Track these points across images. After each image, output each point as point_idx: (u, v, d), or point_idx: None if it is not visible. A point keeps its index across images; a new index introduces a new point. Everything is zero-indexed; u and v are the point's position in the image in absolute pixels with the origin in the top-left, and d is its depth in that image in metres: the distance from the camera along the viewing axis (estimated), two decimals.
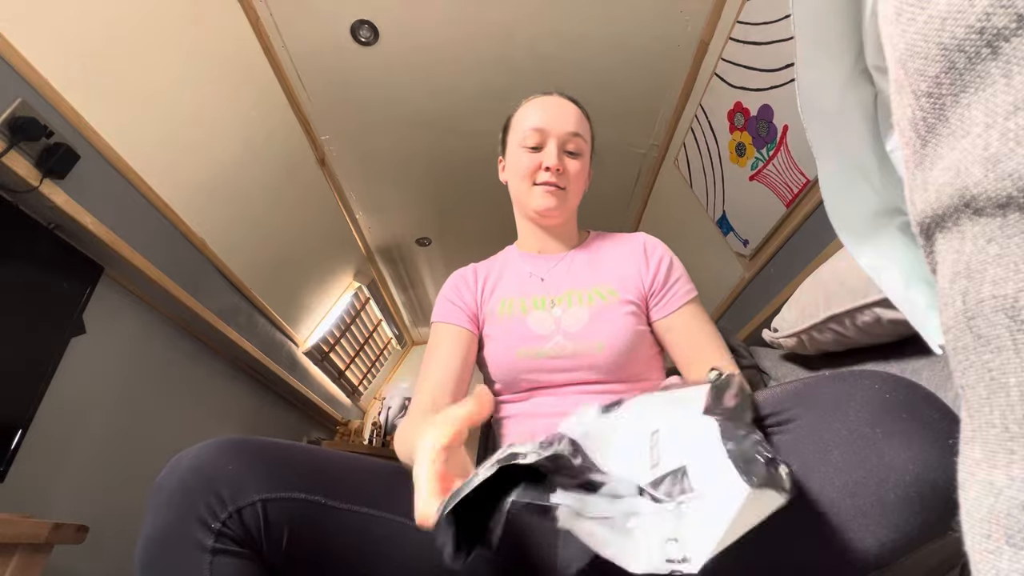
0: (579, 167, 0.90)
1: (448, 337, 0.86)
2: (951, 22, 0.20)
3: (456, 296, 0.92)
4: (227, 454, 0.50)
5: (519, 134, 0.91)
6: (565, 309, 0.84)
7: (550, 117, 0.89)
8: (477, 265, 0.99)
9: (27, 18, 1.22)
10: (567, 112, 0.91)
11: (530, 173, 0.89)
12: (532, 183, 0.89)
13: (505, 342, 0.84)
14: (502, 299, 0.90)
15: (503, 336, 0.85)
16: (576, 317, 0.82)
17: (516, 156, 0.91)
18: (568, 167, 0.89)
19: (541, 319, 0.84)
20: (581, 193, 0.94)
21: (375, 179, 2.53)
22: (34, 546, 1.11)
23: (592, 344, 0.79)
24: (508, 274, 0.94)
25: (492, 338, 0.87)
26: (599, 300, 0.84)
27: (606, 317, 0.81)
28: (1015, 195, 0.18)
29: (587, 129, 0.93)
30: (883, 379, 0.38)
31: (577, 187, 0.91)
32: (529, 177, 0.89)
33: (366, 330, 3.70)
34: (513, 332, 0.84)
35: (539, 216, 0.91)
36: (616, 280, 0.86)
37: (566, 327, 0.82)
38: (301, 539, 0.51)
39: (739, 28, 1.51)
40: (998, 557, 0.18)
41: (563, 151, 0.89)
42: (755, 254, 1.81)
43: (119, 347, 1.78)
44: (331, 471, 0.57)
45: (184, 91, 1.64)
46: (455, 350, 0.84)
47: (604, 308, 0.82)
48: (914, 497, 0.32)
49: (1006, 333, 0.18)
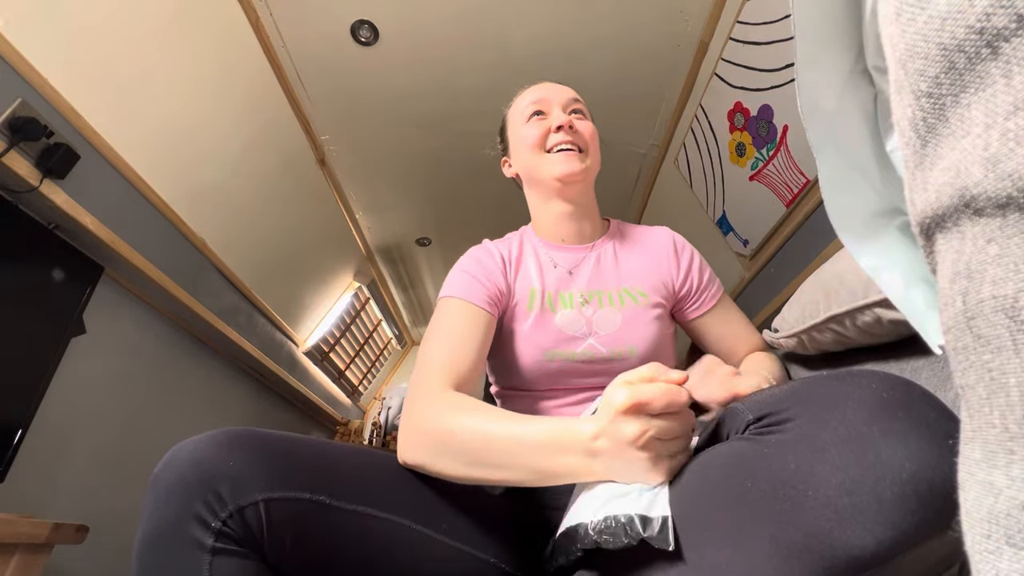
0: (590, 127, 0.87)
1: (467, 317, 0.73)
2: (951, 22, 0.20)
3: (482, 272, 0.79)
4: (228, 448, 0.48)
5: (520, 113, 0.89)
6: (596, 309, 0.79)
7: (547, 91, 0.89)
8: (492, 243, 0.88)
9: (27, 18, 1.22)
10: (563, 87, 0.91)
11: (540, 141, 0.84)
12: (545, 150, 0.84)
13: (534, 340, 0.77)
14: (528, 288, 0.81)
15: (531, 334, 0.77)
16: (608, 320, 0.79)
17: (523, 132, 0.87)
18: (579, 126, 0.85)
19: (572, 319, 0.78)
20: (598, 160, 0.89)
21: (375, 179, 2.53)
22: (34, 546, 1.11)
23: (626, 348, 0.78)
24: (529, 260, 0.85)
25: (517, 334, 0.78)
26: (631, 302, 0.80)
27: (639, 321, 0.79)
28: (1015, 195, 0.18)
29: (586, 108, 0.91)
30: (881, 378, 0.38)
31: (593, 147, 0.86)
32: (540, 146, 0.84)
33: (366, 330, 3.70)
34: (542, 330, 0.77)
35: (562, 184, 0.83)
36: (646, 281, 0.84)
37: (598, 329, 0.78)
38: (304, 539, 0.49)
39: (739, 28, 1.51)
40: (998, 557, 0.18)
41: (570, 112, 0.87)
42: (755, 254, 1.81)
43: (119, 347, 1.78)
44: (337, 468, 0.55)
45: (184, 91, 1.64)
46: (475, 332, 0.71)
47: (636, 312, 0.80)
48: (911, 495, 0.32)
49: (1006, 333, 0.18)
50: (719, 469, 0.43)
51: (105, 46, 1.39)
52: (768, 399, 0.43)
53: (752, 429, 0.42)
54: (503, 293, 0.79)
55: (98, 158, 1.47)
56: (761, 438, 0.41)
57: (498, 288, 0.79)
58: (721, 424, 0.48)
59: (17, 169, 1.24)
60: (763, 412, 0.42)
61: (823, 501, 0.34)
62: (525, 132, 0.87)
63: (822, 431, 0.36)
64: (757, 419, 0.42)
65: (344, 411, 3.70)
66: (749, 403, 0.45)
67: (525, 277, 0.83)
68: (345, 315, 3.29)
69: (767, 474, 0.38)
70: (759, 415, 0.42)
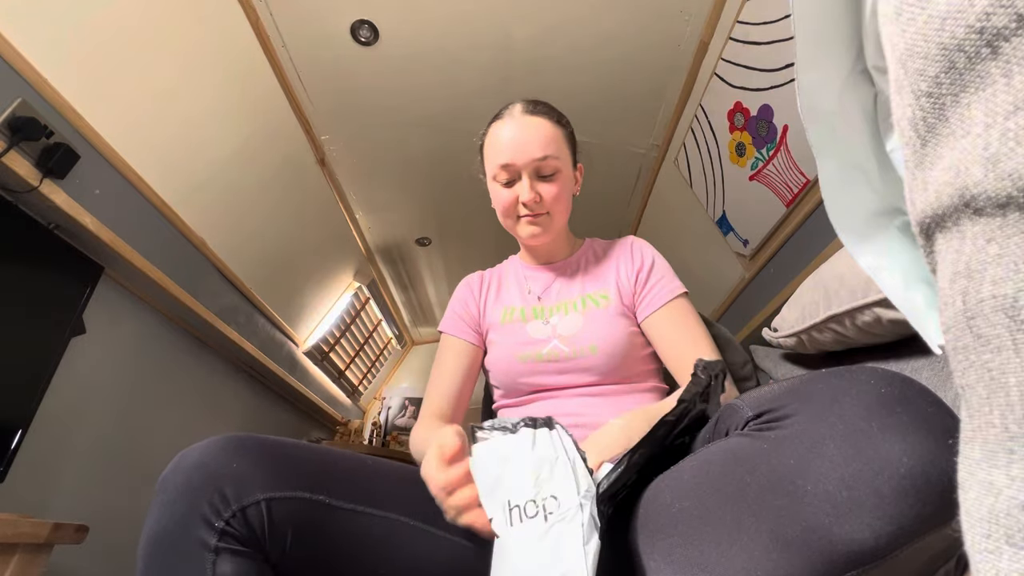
0: (556, 189, 0.87)
1: (453, 351, 0.92)
2: (951, 22, 0.20)
3: (462, 308, 0.97)
4: (232, 452, 0.50)
5: (491, 169, 0.90)
6: (561, 317, 0.88)
7: (516, 147, 0.86)
8: (484, 272, 1.04)
9: (27, 18, 1.22)
10: (531, 135, 0.86)
11: (510, 210, 0.89)
12: (515, 217, 0.90)
13: (507, 347, 0.88)
14: (504, 308, 0.94)
15: (504, 342, 0.89)
16: (571, 323, 0.86)
17: (494, 191, 0.91)
18: (544, 193, 0.86)
19: (539, 327, 0.88)
20: (567, 209, 0.93)
21: (375, 179, 2.53)
22: (34, 546, 1.11)
23: (586, 347, 0.82)
24: (509, 283, 1.00)
25: (495, 344, 0.91)
26: (592, 305, 0.87)
27: (599, 321, 0.84)
28: (1015, 195, 0.18)
29: (559, 142, 0.88)
30: (879, 374, 0.38)
31: (559, 207, 0.89)
32: (511, 214, 0.90)
33: (366, 330, 3.70)
34: (513, 338, 0.88)
35: (529, 244, 0.95)
36: (607, 286, 0.89)
37: (561, 331, 0.85)
38: (305, 538, 0.51)
39: (739, 28, 1.51)
40: (998, 557, 0.18)
41: (536, 178, 0.87)
42: (755, 254, 1.81)
43: (119, 347, 1.78)
44: (336, 470, 0.57)
45: (184, 91, 1.64)
46: (459, 364, 0.91)
47: (597, 313, 0.86)
48: (909, 489, 0.32)
49: (1006, 333, 0.18)
50: (718, 465, 0.43)
51: (105, 46, 1.39)
52: (767, 395, 0.43)
53: (751, 425, 0.43)
54: (475, 317, 0.96)
55: (98, 158, 1.47)
56: (760, 434, 0.41)
57: (471, 315, 0.96)
58: (720, 420, 0.49)
59: (17, 169, 1.25)
60: (762, 408, 0.43)
61: (822, 496, 0.34)
62: (497, 195, 0.90)
63: (821, 426, 0.37)
64: (756, 415, 0.43)
65: (344, 411, 3.71)
66: (748, 400, 0.45)
67: (505, 298, 0.97)
68: (345, 315, 3.29)
69: (766, 469, 0.38)
70: (758, 411, 0.43)
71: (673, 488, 0.46)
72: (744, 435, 0.43)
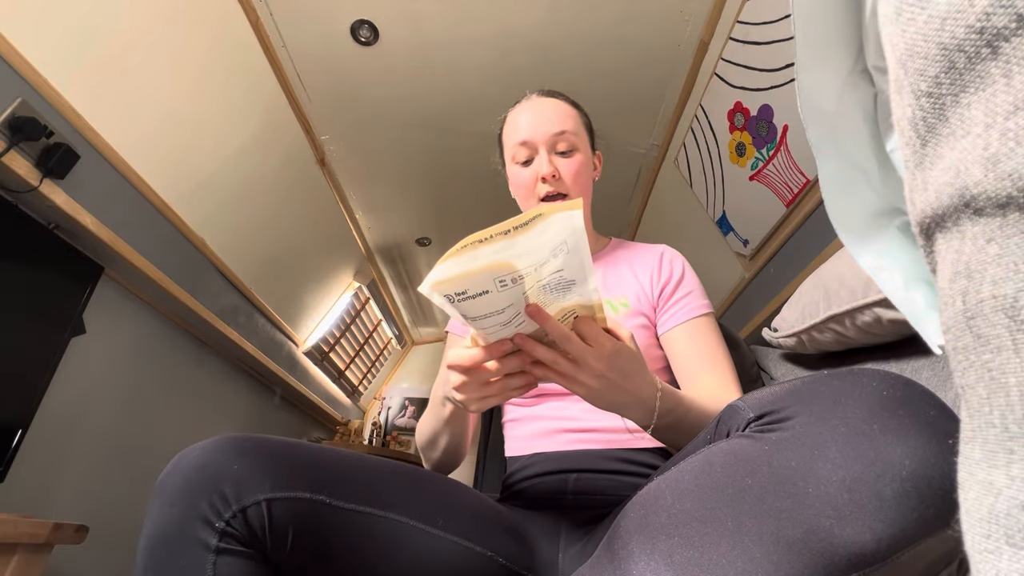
0: (575, 164, 0.88)
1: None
2: (951, 22, 0.20)
3: None
4: (232, 452, 0.50)
5: (509, 151, 0.91)
6: None
7: (533, 125, 0.88)
8: None
9: (27, 18, 1.22)
10: (548, 113, 0.88)
11: (530, 190, 0.88)
12: (536, 198, 0.88)
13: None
14: None
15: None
16: None
17: (514, 174, 0.91)
18: (562, 168, 0.87)
19: None
20: (589, 187, 0.92)
21: (375, 179, 2.53)
22: (34, 546, 1.11)
23: None
24: None
25: None
26: (610, 312, 0.85)
27: None
28: (1015, 195, 0.18)
29: (576, 120, 0.90)
30: (881, 377, 0.38)
31: (578, 186, 0.89)
32: (531, 194, 0.89)
33: (366, 330, 3.70)
34: None
35: None
36: (629, 292, 0.87)
37: None
38: (305, 539, 0.51)
39: (739, 28, 1.51)
40: (998, 557, 0.18)
41: (554, 154, 0.87)
42: (755, 254, 1.81)
43: (119, 347, 1.78)
44: (336, 470, 0.57)
45: (184, 91, 1.64)
46: None
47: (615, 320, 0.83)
48: (910, 492, 0.32)
49: (1006, 333, 0.18)
50: (719, 466, 0.43)
51: (105, 46, 1.39)
52: (769, 397, 0.43)
53: (753, 427, 0.43)
54: None
55: (98, 158, 1.47)
56: (762, 435, 0.41)
57: None
58: (721, 421, 0.49)
59: (17, 169, 1.25)
60: (764, 410, 0.42)
61: (823, 498, 0.34)
62: (516, 177, 0.90)
63: (823, 429, 0.37)
64: (758, 417, 0.43)
65: (344, 411, 3.71)
66: (749, 401, 0.45)
67: None
68: (345, 315, 3.29)
69: (767, 471, 0.38)
70: (760, 413, 0.43)
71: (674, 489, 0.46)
72: (745, 436, 0.43)
